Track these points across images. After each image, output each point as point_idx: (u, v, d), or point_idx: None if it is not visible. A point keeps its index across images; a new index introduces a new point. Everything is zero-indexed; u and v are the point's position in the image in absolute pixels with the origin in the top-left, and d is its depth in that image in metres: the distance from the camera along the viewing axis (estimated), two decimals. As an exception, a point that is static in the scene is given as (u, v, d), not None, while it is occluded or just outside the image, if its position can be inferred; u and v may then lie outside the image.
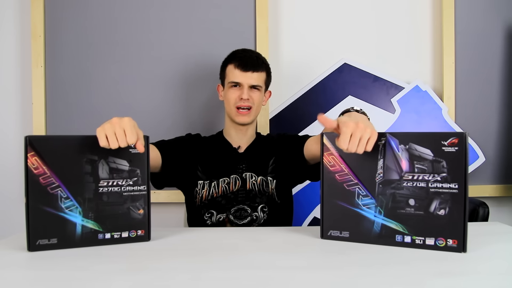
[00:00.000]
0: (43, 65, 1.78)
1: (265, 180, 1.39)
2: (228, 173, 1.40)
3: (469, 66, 1.85)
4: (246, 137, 1.47)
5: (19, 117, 1.85)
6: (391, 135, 0.95)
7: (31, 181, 0.92)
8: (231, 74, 1.40)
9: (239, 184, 1.39)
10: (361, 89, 1.85)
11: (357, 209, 0.98)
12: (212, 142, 1.49)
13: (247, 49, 1.48)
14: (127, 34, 1.80)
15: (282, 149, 1.46)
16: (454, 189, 0.90)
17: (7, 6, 1.83)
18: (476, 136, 1.84)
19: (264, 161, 1.43)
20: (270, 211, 1.38)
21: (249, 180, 1.39)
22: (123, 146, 0.93)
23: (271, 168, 1.42)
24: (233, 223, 1.36)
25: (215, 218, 1.36)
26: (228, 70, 1.43)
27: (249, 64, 1.39)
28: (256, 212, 1.37)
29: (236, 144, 1.47)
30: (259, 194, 1.38)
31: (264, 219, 1.37)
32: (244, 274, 0.78)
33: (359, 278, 0.76)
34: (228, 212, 1.36)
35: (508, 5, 1.85)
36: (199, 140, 1.49)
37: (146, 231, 1.02)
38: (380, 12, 1.89)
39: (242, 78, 1.39)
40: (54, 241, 0.94)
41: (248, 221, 1.36)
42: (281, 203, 1.41)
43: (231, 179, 1.39)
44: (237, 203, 1.37)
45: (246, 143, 1.48)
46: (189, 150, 1.43)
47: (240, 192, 1.38)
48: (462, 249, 0.89)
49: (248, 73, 1.39)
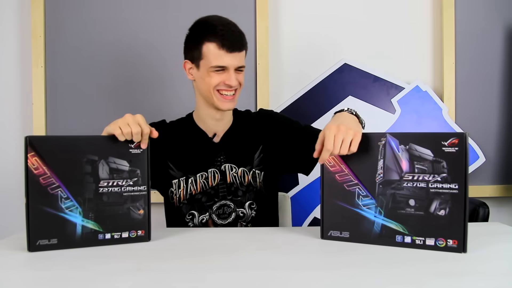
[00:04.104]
0: (43, 65, 1.78)
1: (247, 173, 1.26)
2: (205, 167, 1.25)
3: (469, 66, 1.85)
4: (222, 121, 1.29)
5: (19, 117, 1.84)
6: (391, 135, 0.95)
7: (31, 181, 0.92)
8: (213, 56, 1.17)
9: (219, 177, 1.25)
10: (361, 89, 1.85)
11: (357, 209, 0.98)
12: (181, 131, 1.31)
13: (222, 18, 1.23)
14: (127, 34, 1.80)
15: (273, 135, 1.31)
16: (454, 189, 0.90)
17: (7, 6, 1.83)
18: (476, 136, 1.84)
19: (248, 151, 1.29)
20: (259, 206, 1.27)
21: (229, 172, 1.26)
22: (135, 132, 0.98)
23: (258, 159, 1.28)
24: (217, 223, 1.25)
25: (197, 220, 1.25)
26: (207, 49, 1.18)
27: (235, 42, 1.18)
28: (242, 209, 1.26)
29: (211, 131, 1.29)
30: (241, 187, 1.26)
31: (252, 216, 1.27)
32: (244, 274, 0.78)
33: (359, 278, 0.76)
34: (210, 211, 1.25)
35: (508, 5, 1.85)
36: (165, 129, 1.27)
37: (146, 231, 1.02)
38: (380, 12, 1.89)
39: (228, 61, 1.17)
40: (54, 242, 0.94)
41: (233, 218, 1.25)
42: (268, 195, 1.30)
43: (209, 173, 1.25)
44: (218, 199, 1.25)
45: (223, 129, 1.30)
46: (155, 145, 1.18)
47: (221, 187, 1.25)
48: (462, 249, 0.89)
49: (235, 53, 1.18)
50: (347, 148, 0.95)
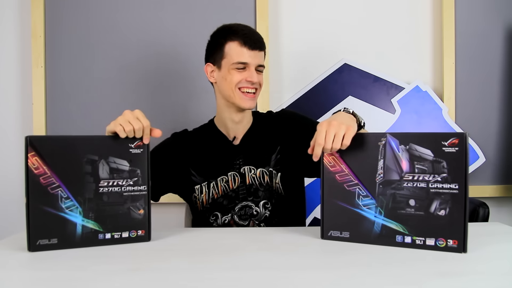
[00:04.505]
0: (43, 65, 1.78)
1: (266, 173, 1.29)
2: (226, 171, 1.29)
3: (469, 66, 1.85)
4: (242, 123, 1.32)
5: (19, 117, 1.85)
6: (391, 135, 0.95)
7: (31, 181, 0.92)
8: (236, 53, 1.23)
9: (239, 180, 1.29)
10: (361, 89, 1.85)
11: (357, 209, 0.98)
12: (203, 136, 1.35)
13: (243, 24, 1.30)
14: (127, 34, 1.80)
15: (292, 135, 1.32)
16: (455, 189, 0.90)
17: (7, 6, 1.83)
18: (476, 136, 1.84)
19: (266, 152, 1.31)
20: (274, 207, 1.29)
21: (248, 174, 1.29)
22: (137, 127, 0.99)
23: (276, 160, 1.30)
24: (238, 224, 1.28)
25: (220, 221, 1.29)
26: (229, 48, 1.24)
27: (256, 41, 1.24)
28: (257, 207, 1.28)
29: (231, 134, 1.33)
30: (260, 187, 1.29)
31: (265, 215, 1.28)
32: (244, 274, 0.78)
33: (359, 278, 0.76)
34: (232, 212, 1.28)
35: (508, 6, 1.85)
36: (186, 138, 1.35)
37: (146, 231, 1.02)
38: (381, 12, 1.89)
39: (250, 58, 1.23)
40: (54, 241, 0.94)
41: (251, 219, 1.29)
42: (287, 197, 1.30)
43: (229, 177, 1.29)
44: (239, 201, 1.28)
45: (243, 131, 1.33)
46: (177, 154, 1.31)
47: (241, 189, 1.29)
48: (463, 249, 0.89)
49: (256, 51, 1.24)
50: (339, 142, 0.96)
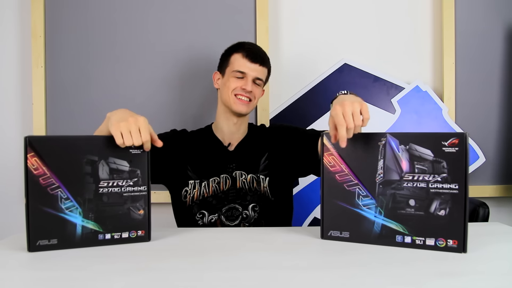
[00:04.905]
0: (43, 65, 1.78)
1: (255, 178, 1.37)
2: (218, 173, 1.37)
3: (469, 66, 1.85)
4: (238, 132, 1.44)
5: (19, 117, 1.84)
6: (391, 135, 0.95)
7: (31, 181, 0.92)
8: (237, 63, 1.37)
9: (230, 183, 1.36)
10: (361, 89, 1.85)
11: (357, 209, 0.98)
12: (201, 139, 1.45)
13: (252, 43, 1.47)
14: (127, 34, 1.80)
15: (278, 143, 1.42)
16: (455, 189, 0.90)
17: (7, 6, 1.83)
18: (476, 136, 1.84)
19: (256, 158, 1.40)
20: (261, 210, 1.36)
21: (239, 178, 1.37)
22: (137, 144, 0.97)
23: (264, 165, 1.39)
24: (224, 224, 1.34)
25: (206, 219, 1.34)
26: (233, 58, 1.39)
27: (258, 56, 1.38)
28: (246, 210, 1.35)
29: (227, 140, 1.43)
30: (249, 192, 1.36)
31: (254, 218, 1.35)
32: (244, 274, 0.78)
33: (359, 278, 0.76)
34: (219, 212, 1.34)
35: (508, 6, 1.85)
36: (186, 136, 1.45)
37: (146, 232, 1.02)
38: (381, 12, 1.89)
39: (248, 69, 1.37)
40: (54, 242, 0.94)
41: (239, 220, 1.34)
42: (275, 201, 1.38)
43: (221, 179, 1.37)
44: (228, 202, 1.35)
45: (238, 139, 1.44)
46: (176, 147, 1.39)
47: (231, 191, 1.36)
48: (462, 249, 0.89)
49: (256, 65, 1.37)
50: (359, 118, 0.96)
